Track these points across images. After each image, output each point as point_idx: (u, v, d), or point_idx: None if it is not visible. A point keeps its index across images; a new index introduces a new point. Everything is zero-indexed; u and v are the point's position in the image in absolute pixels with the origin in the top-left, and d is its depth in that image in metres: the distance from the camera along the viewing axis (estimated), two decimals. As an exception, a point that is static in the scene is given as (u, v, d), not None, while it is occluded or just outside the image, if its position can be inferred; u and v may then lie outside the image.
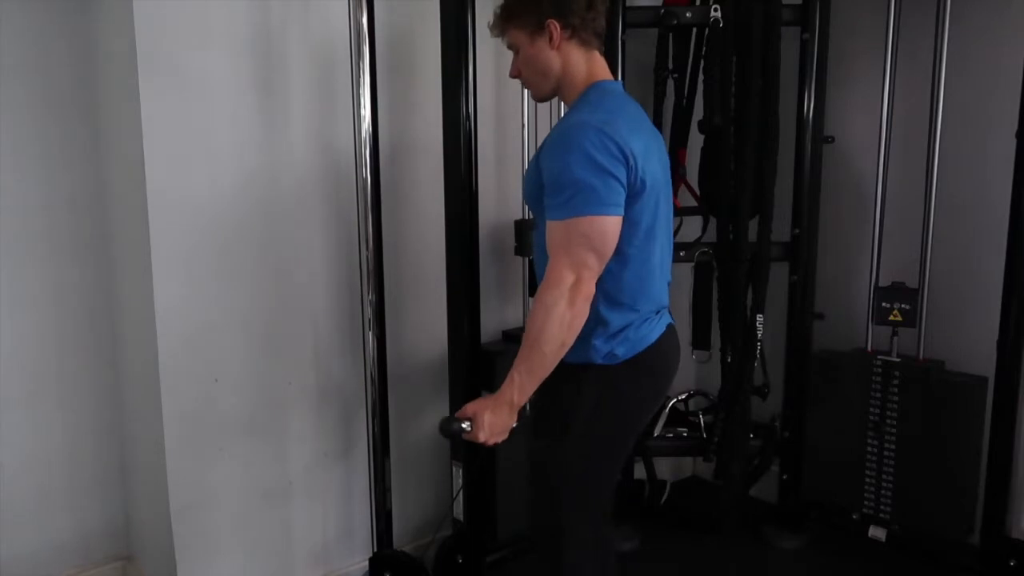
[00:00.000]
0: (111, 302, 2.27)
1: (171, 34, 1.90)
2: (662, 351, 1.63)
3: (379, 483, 2.22)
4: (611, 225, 1.47)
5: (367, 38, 2.01)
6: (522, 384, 1.49)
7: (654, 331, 1.62)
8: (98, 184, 2.21)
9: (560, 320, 1.45)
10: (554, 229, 1.48)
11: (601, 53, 1.66)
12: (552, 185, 1.49)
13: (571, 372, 1.60)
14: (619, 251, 1.52)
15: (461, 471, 2.32)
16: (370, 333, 2.15)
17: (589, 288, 1.47)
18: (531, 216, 1.70)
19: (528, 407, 1.63)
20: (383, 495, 2.23)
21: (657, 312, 1.64)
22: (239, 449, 2.14)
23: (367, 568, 2.26)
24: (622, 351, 1.57)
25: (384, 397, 2.20)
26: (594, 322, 1.55)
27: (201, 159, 1.98)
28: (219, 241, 2.04)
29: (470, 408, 1.53)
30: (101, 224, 2.23)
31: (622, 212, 1.49)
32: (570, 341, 1.48)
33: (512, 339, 2.48)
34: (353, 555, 2.41)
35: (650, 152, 1.55)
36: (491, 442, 1.54)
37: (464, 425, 1.52)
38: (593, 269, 1.47)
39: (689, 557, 2.64)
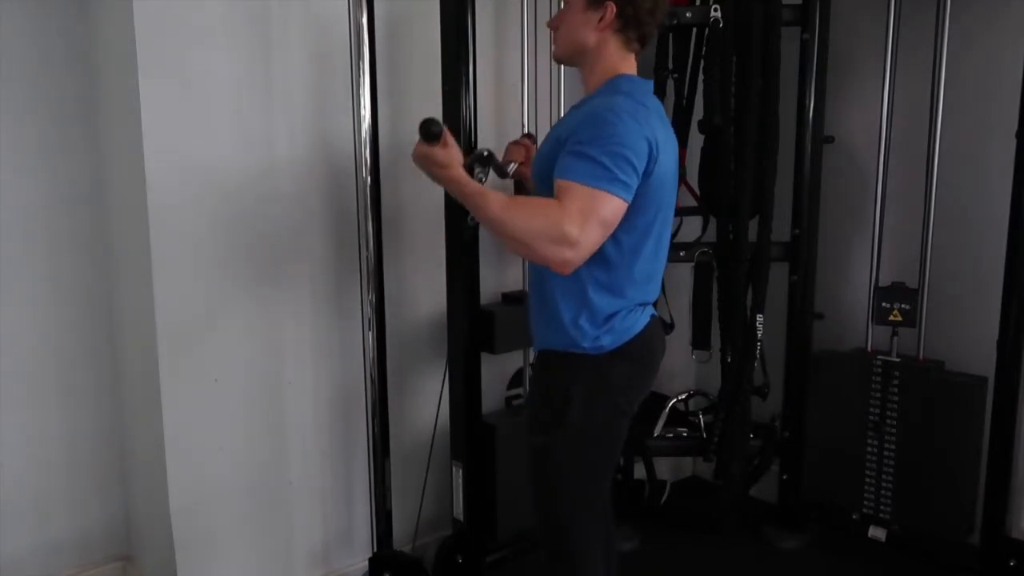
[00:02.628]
0: (111, 302, 2.27)
1: (171, 34, 1.90)
2: (647, 340, 1.65)
3: (379, 483, 2.22)
4: (620, 209, 1.48)
5: (367, 38, 2.01)
6: (466, 196, 1.48)
7: (639, 321, 1.63)
8: (98, 184, 2.21)
9: (532, 237, 1.42)
10: (575, 188, 1.44)
11: (637, 57, 1.65)
12: (576, 152, 1.47)
13: (560, 363, 1.61)
14: (616, 238, 1.54)
15: (461, 471, 2.32)
16: (370, 333, 2.15)
17: (576, 260, 1.44)
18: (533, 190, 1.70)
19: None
20: (383, 495, 2.23)
21: (642, 305, 1.65)
22: (239, 449, 2.14)
23: (367, 568, 2.25)
24: (608, 340, 1.58)
25: (384, 397, 2.20)
26: (580, 305, 1.57)
27: (201, 158, 1.98)
28: (219, 241, 2.04)
29: (450, 139, 1.49)
30: (101, 224, 2.23)
31: (630, 200, 1.49)
32: (508, 245, 1.47)
33: (511, 301, 2.47)
34: (353, 555, 2.40)
35: (669, 149, 1.58)
36: (414, 157, 1.51)
37: (438, 134, 1.47)
38: (592, 247, 1.46)
39: (689, 557, 2.64)
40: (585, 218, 1.42)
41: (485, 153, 1.71)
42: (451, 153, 1.50)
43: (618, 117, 1.48)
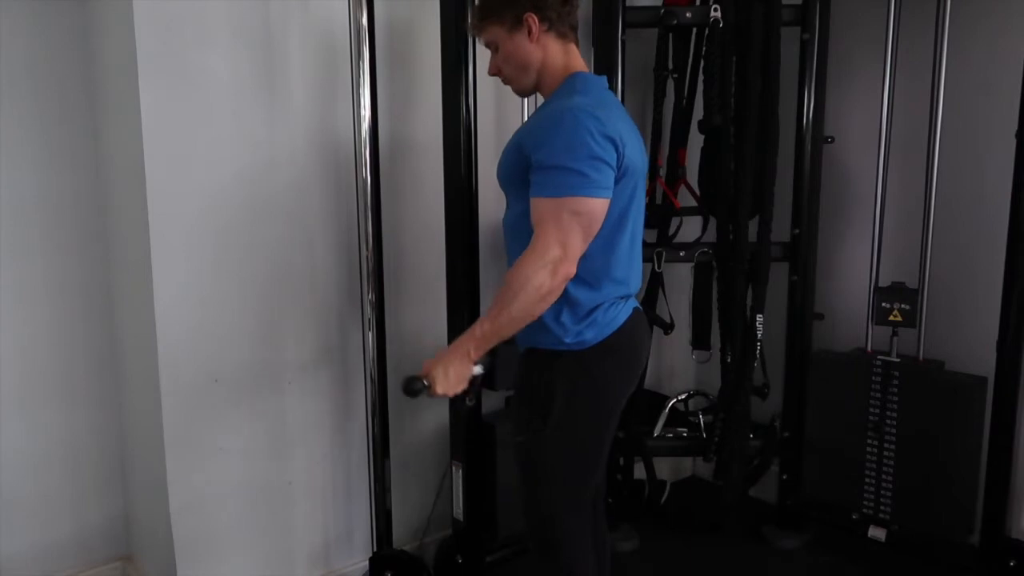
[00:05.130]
0: (111, 302, 2.27)
1: (171, 33, 1.90)
2: (630, 333, 1.65)
3: (379, 483, 2.22)
4: (600, 207, 1.51)
5: (367, 37, 2.01)
6: (482, 338, 1.52)
7: (620, 314, 1.63)
8: (98, 183, 2.21)
9: (538, 289, 1.47)
10: (543, 204, 1.49)
11: (577, 46, 1.69)
12: (543, 165, 1.50)
13: (543, 361, 1.62)
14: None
15: (461, 471, 2.32)
16: (370, 333, 2.15)
17: (571, 267, 1.50)
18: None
19: (486, 362, 1.62)
20: (383, 495, 2.23)
21: (624, 298, 1.66)
22: (239, 449, 2.14)
23: (367, 568, 2.26)
24: (591, 335, 1.59)
25: (384, 397, 2.20)
26: (561, 300, 1.58)
27: (201, 158, 1.98)
28: (219, 241, 2.04)
29: (427, 365, 1.55)
30: (101, 223, 2.23)
31: (610, 195, 1.52)
32: (539, 311, 1.51)
33: (510, 340, 2.46)
34: (353, 555, 2.41)
35: (631, 141, 1.59)
36: (450, 394, 1.55)
37: (425, 382, 1.52)
38: (578, 249, 1.50)
39: (689, 557, 2.64)
40: (560, 231, 1.47)
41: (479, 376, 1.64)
42: (439, 370, 1.52)
43: (578, 120, 1.49)
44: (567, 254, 1.48)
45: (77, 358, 2.24)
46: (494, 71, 1.71)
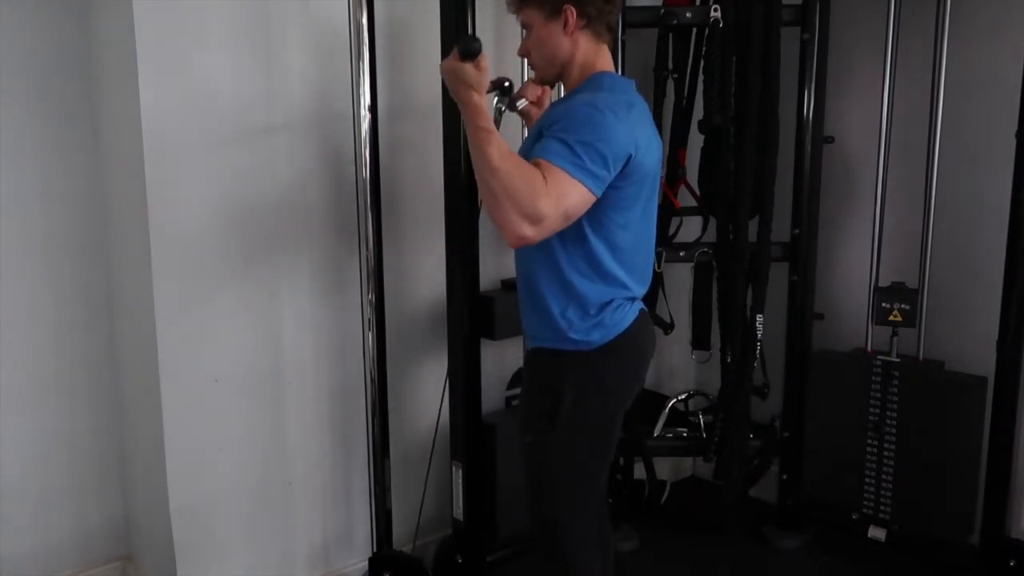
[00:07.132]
0: (111, 301, 2.27)
1: (171, 34, 1.90)
2: (636, 335, 1.66)
3: (379, 483, 2.23)
4: (588, 203, 1.49)
5: (367, 37, 2.02)
6: (477, 117, 1.47)
7: (628, 316, 1.64)
8: (98, 184, 2.21)
9: (499, 189, 1.41)
10: (555, 170, 1.44)
11: (610, 48, 1.68)
12: (552, 136, 1.48)
13: (550, 361, 1.62)
14: (598, 231, 1.56)
15: (461, 471, 2.32)
16: (370, 333, 2.15)
17: (533, 240, 1.45)
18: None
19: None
20: (383, 495, 2.23)
21: (631, 300, 1.66)
22: (239, 449, 2.14)
23: (367, 568, 2.26)
24: (597, 336, 1.60)
25: (384, 397, 2.20)
26: (567, 297, 1.58)
27: (201, 159, 1.98)
28: (219, 241, 2.04)
29: (485, 63, 1.49)
30: (101, 224, 2.23)
31: (599, 194, 1.50)
32: (477, 169, 1.46)
33: (511, 287, 2.46)
34: (353, 555, 2.41)
35: (651, 147, 1.60)
36: (444, 69, 1.52)
37: (476, 52, 1.49)
38: (550, 233, 1.47)
39: (689, 557, 2.64)
40: (557, 204, 1.43)
41: (507, 83, 1.76)
42: (482, 77, 1.50)
43: (600, 112, 1.49)
44: (543, 227, 1.43)
45: (77, 358, 2.24)
46: (523, 52, 1.70)
